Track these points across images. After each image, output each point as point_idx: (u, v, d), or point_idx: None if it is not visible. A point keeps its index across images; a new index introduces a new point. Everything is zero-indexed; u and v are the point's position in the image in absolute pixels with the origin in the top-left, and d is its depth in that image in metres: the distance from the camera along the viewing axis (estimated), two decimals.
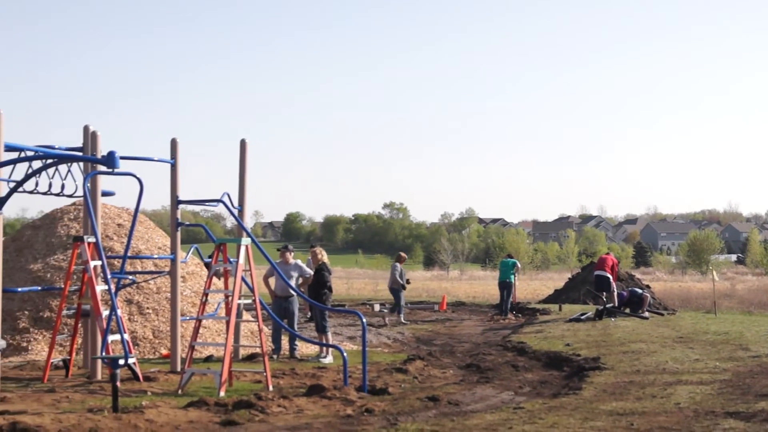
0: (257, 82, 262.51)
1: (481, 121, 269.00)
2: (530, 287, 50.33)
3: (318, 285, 19.10)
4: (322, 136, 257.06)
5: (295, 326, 19.33)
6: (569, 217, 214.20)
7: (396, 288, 29.66)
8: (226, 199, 16.72)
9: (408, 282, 30.41)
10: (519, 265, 32.82)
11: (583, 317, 26.60)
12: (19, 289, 17.70)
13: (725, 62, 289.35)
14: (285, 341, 19.40)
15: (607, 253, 31.48)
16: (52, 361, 15.62)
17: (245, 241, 15.20)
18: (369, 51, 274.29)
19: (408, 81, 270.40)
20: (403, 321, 29.07)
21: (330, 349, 18.23)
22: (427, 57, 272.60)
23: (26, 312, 19.54)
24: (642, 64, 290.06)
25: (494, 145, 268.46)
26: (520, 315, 31.39)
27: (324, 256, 19.58)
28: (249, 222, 16.59)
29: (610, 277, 27.91)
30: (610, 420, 11.14)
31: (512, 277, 31.17)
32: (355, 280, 68.13)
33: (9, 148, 13.56)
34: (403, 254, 31.94)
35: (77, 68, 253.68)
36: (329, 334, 19.29)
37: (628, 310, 27.02)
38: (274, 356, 18.45)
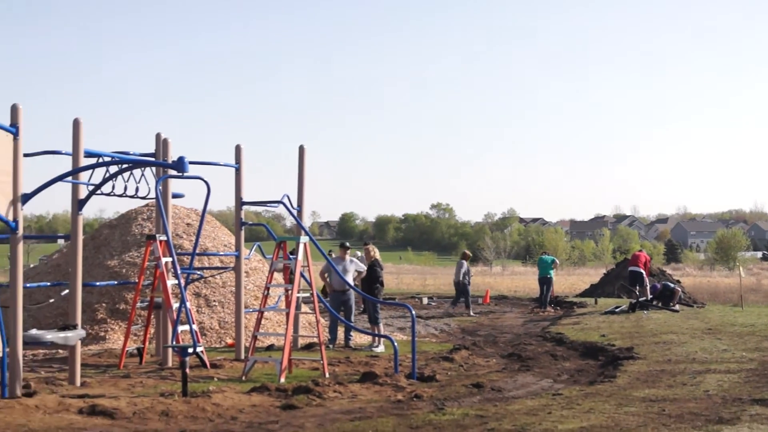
0: (315, 91, 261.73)
1: (522, 126, 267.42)
2: (568, 282, 50.01)
3: (371, 280, 19.15)
4: (374, 141, 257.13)
5: (352, 318, 19.40)
6: (604, 216, 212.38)
7: (462, 283, 29.57)
8: (286, 201, 16.79)
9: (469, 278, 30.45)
10: (557, 262, 32.69)
11: (617, 310, 26.54)
12: (98, 284, 17.88)
13: (752, 63, 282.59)
14: (341, 332, 19.48)
15: (640, 250, 31.39)
16: (127, 349, 15.79)
17: (304, 239, 15.26)
18: (418, 59, 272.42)
19: (454, 89, 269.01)
20: (471, 314, 29.04)
21: (382, 339, 18.24)
22: (471, 64, 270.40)
23: (104, 304, 19.75)
24: (672, 66, 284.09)
25: (534, 148, 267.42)
26: (558, 308, 31.22)
27: (376, 253, 19.63)
28: (307, 221, 16.66)
29: (643, 272, 27.94)
30: (642, 406, 11.10)
31: (551, 272, 31.03)
32: (405, 275, 68.06)
33: (88, 154, 13.71)
34: (468, 252, 32.05)
35: (149, 79, 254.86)
36: (381, 326, 19.34)
37: (659, 304, 26.87)
38: (330, 346, 18.50)
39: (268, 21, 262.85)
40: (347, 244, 20.18)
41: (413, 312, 15.70)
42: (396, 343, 15.14)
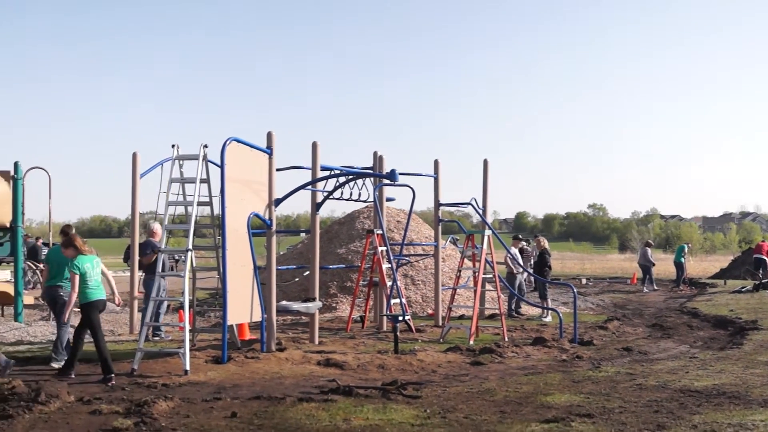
0: (501, 105, 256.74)
1: (663, 132, 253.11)
2: (701, 267, 47.77)
3: (541, 264, 18.93)
4: (542, 151, 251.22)
5: (524, 295, 19.12)
6: (731, 213, 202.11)
7: (646, 265, 29.01)
8: (473, 202, 16.70)
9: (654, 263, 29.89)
10: (686, 249, 31.44)
11: (743, 290, 25.40)
12: (330, 267, 18.28)
13: None
14: (513, 304, 19.26)
15: (763, 241, 31.13)
16: (352, 317, 16.03)
17: (487, 232, 15.14)
18: (584, 68, 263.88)
19: (609, 104, 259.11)
20: (655, 288, 28.72)
21: (549, 311, 17.94)
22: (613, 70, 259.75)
23: (335, 282, 20.15)
24: None
25: (673, 153, 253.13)
26: (693, 287, 30.04)
27: (545, 243, 19.37)
28: (489, 218, 16.48)
29: (766, 259, 27.36)
30: (766, 368, 10.59)
31: (682, 258, 30.15)
32: (567, 260, 66.78)
33: (323, 168, 13.97)
34: (651, 241, 31.49)
35: (371, 103, 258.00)
36: (549, 300, 18.99)
37: None
38: (509, 316, 18.30)
39: (462, 52, 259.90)
40: (519, 236, 19.91)
41: (575, 290, 15.68)
42: (561, 315, 14.98)
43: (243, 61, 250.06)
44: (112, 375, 9.69)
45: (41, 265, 19.15)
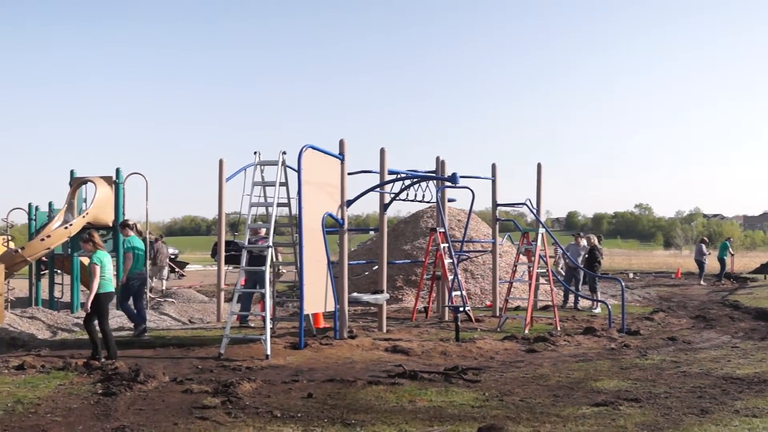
0: (552, 109, 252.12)
1: (706, 135, 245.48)
2: (742, 262, 46.34)
3: (591, 260, 18.58)
4: (593, 152, 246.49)
5: (579, 288, 18.85)
6: None
7: (701, 261, 28.43)
8: (528, 203, 16.51)
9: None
10: (729, 244, 30.51)
11: None
12: (397, 262, 18.28)
13: None
14: (570, 298, 18.97)
15: None
16: (417, 307, 16.01)
17: (541, 230, 14.96)
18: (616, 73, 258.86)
19: (655, 107, 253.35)
20: (702, 283, 27.88)
21: (599, 303, 17.64)
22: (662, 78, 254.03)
23: (401, 276, 20.17)
24: None
25: (715, 154, 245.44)
26: (735, 281, 29.18)
27: (596, 241, 19.03)
28: (542, 217, 16.29)
29: None
30: None
31: (724, 254, 29.21)
32: (616, 257, 65.60)
33: (390, 172, 13.98)
34: (705, 238, 30.87)
35: (431, 111, 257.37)
36: (598, 293, 18.67)
37: None
38: (561, 307, 18.06)
39: (511, 58, 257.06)
40: (581, 233, 19.66)
41: (623, 283, 15.34)
42: (609, 306, 14.77)
43: (318, 74, 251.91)
44: (115, 359, 9.80)
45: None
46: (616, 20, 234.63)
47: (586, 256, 18.67)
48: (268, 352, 10.22)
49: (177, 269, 31.90)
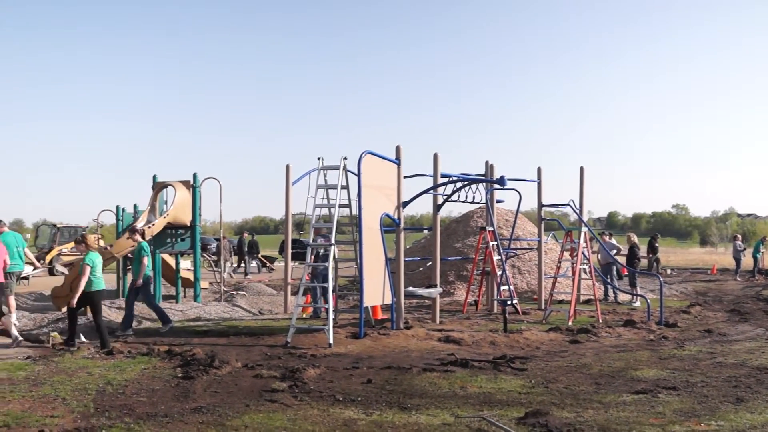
0: (593, 119, 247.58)
1: (740, 136, 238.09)
2: None
3: (631, 256, 18.26)
4: (633, 154, 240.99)
5: (616, 283, 18.52)
6: None
7: (737, 257, 27.84)
8: (571, 203, 16.30)
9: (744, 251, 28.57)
10: (762, 242, 29.53)
11: None
12: (449, 258, 18.20)
13: None
14: (610, 292, 18.65)
15: None
16: (468, 301, 15.93)
17: (584, 229, 14.74)
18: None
19: (691, 113, 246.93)
20: (737, 278, 27.09)
21: (638, 297, 17.31)
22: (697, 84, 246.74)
23: (453, 272, 20.09)
24: None
25: (749, 156, 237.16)
26: (767, 277, 28.27)
27: (635, 239, 18.68)
28: (584, 217, 16.05)
29: None
30: None
31: (758, 252, 28.27)
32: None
33: (443, 176, 13.95)
34: (738, 235, 30.06)
35: (480, 116, 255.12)
36: (638, 288, 18.30)
37: None
38: (603, 301, 17.77)
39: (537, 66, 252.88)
40: (611, 233, 19.28)
41: (661, 279, 15.15)
42: (648, 300, 14.55)
43: (375, 83, 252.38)
44: (110, 349, 9.82)
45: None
46: (658, 18, 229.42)
47: (624, 253, 18.35)
48: (331, 341, 10.30)
49: (267, 263, 32.20)
